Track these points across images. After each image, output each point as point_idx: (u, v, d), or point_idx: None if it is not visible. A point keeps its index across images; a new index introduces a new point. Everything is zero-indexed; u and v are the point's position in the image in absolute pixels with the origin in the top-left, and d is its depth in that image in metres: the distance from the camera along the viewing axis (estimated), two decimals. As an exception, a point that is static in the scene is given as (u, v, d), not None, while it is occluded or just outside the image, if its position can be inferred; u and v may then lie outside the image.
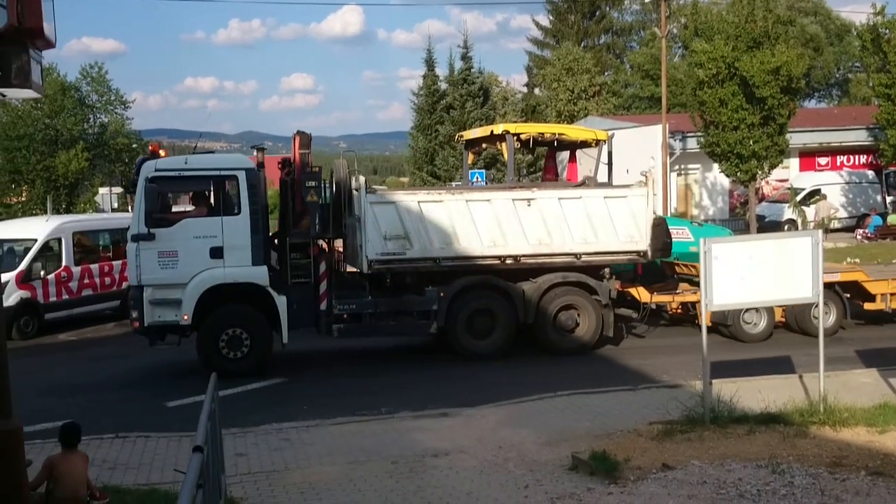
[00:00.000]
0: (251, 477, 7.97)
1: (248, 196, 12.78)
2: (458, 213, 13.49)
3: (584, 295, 13.98)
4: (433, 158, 42.24)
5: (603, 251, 13.90)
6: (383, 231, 13.23)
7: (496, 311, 13.73)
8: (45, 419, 9.52)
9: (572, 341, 13.94)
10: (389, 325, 13.71)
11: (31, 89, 6.22)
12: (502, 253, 13.62)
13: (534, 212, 13.67)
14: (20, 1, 5.88)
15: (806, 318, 14.54)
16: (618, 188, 14.49)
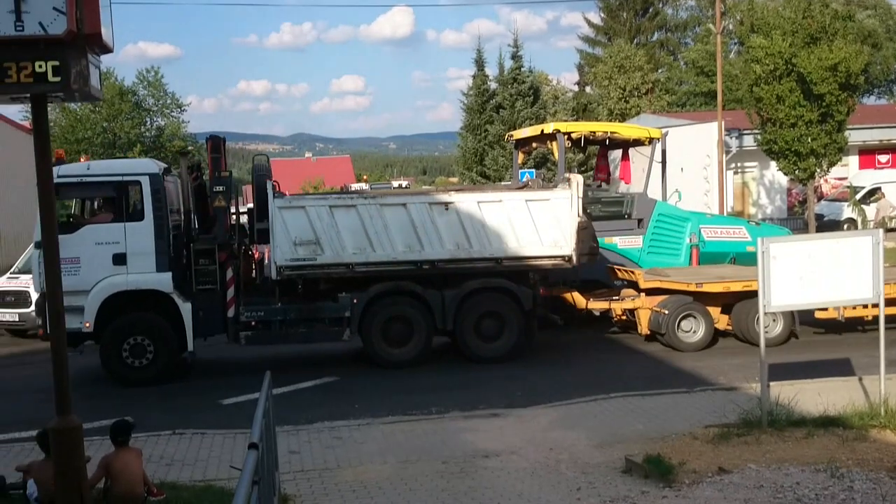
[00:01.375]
0: (304, 474, 8.04)
1: (152, 202, 12.66)
2: (372, 218, 13.17)
3: (506, 301, 13.62)
4: (483, 158, 42.21)
5: (526, 256, 13.47)
6: (293, 236, 13.01)
7: (412, 318, 13.45)
8: (102, 416, 9.72)
9: (495, 349, 13.56)
10: (300, 332, 13.37)
11: (90, 94, 6.36)
12: (418, 258, 13.25)
13: (452, 216, 13.28)
14: (79, 7, 6.01)
15: (749, 325, 13.78)
16: (541, 191, 14.06)
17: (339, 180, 66.46)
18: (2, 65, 5.99)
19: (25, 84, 6.05)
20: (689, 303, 13.94)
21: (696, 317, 13.97)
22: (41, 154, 6.67)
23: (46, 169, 6.65)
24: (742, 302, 13.88)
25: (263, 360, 13.38)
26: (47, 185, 6.62)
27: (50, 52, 6.02)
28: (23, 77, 6.03)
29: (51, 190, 6.67)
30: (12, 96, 6.37)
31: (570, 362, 13.28)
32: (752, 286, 13.40)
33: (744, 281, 13.77)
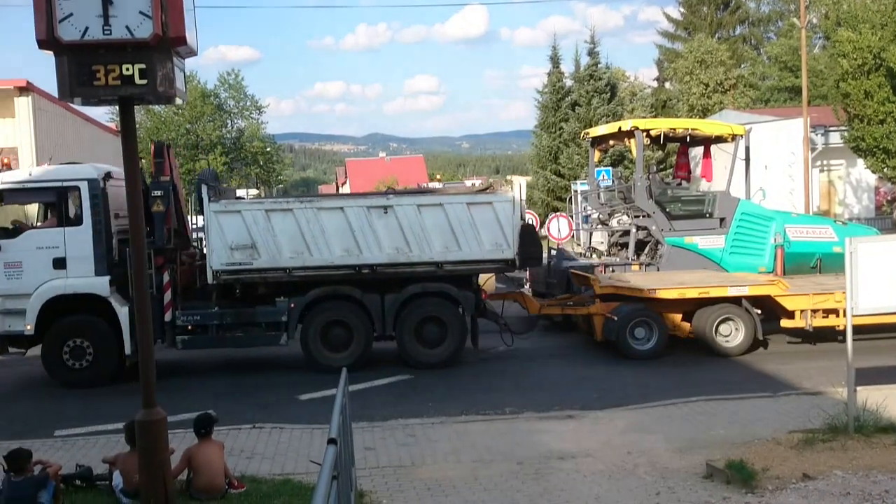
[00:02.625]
0: (379, 471, 8.10)
1: (91, 207, 12.79)
2: (308, 222, 13.08)
3: (447, 306, 13.45)
4: (557, 157, 41.88)
5: (467, 260, 13.21)
6: (229, 241, 12.99)
7: (351, 322, 13.36)
8: (186, 409, 9.98)
9: (436, 355, 13.38)
10: (237, 336, 13.33)
11: (174, 96, 6.52)
12: (357, 262, 13.14)
13: (391, 220, 13.09)
14: (164, 11, 6.16)
15: (708, 333, 13.42)
16: (482, 194, 13.79)
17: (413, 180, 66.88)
18: (90, 68, 6.18)
19: (113, 87, 6.23)
20: (641, 309, 13.45)
21: (650, 324, 13.46)
22: (128, 155, 6.87)
23: (134, 169, 6.85)
24: (702, 309, 13.46)
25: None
26: (135, 184, 6.81)
27: (137, 55, 6.18)
28: (111, 80, 6.21)
29: (139, 189, 6.86)
30: (101, 98, 6.54)
31: (649, 364, 13.02)
32: (708, 293, 13.42)
33: (700, 287, 13.48)
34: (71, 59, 6.17)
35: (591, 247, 18.40)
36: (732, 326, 13.43)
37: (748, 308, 13.42)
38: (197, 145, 58.75)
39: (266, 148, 64.99)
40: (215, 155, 56.09)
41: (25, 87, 28.71)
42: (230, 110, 62.71)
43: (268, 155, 65.25)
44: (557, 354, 14.20)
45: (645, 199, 15.87)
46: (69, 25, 6.08)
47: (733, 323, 13.42)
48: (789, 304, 13.39)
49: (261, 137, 64.25)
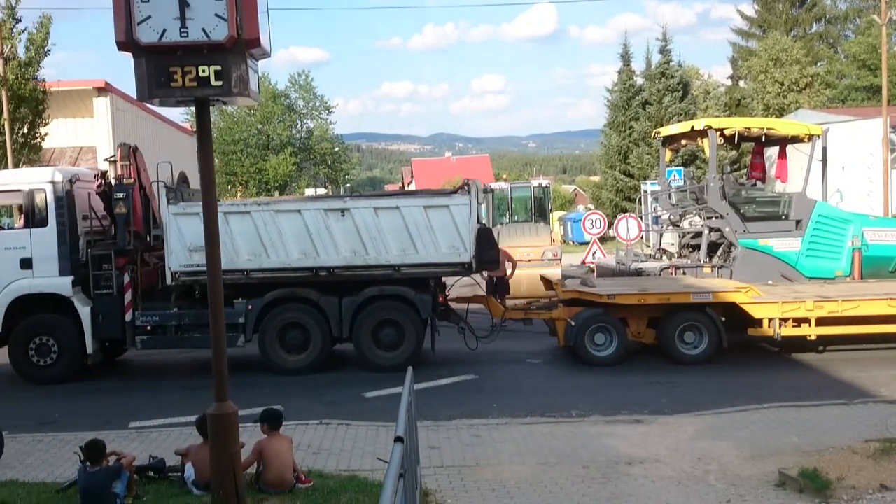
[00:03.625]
0: (444, 470, 8.11)
1: (55, 209, 13.13)
2: (266, 225, 13.12)
3: (403, 309, 13.35)
4: (627, 156, 41.36)
5: (424, 263, 13.12)
6: (188, 243, 13.04)
7: (308, 325, 13.37)
8: (256, 404, 10.16)
9: (393, 358, 13.25)
10: (194, 337, 13.34)
11: (248, 97, 6.63)
12: (314, 265, 13.15)
13: (348, 223, 13.05)
14: (239, 13, 6.27)
15: (670, 342, 13.08)
16: (439, 197, 13.55)
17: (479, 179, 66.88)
18: (168, 70, 6.33)
19: (190, 88, 6.37)
20: (600, 315, 13.21)
21: (609, 330, 13.21)
22: (204, 154, 7.03)
23: (209, 169, 7.00)
24: (667, 315, 13.15)
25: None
26: (210, 183, 6.96)
27: (212, 57, 6.30)
28: (187, 81, 6.35)
29: (213, 188, 7.01)
30: (178, 100, 6.68)
31: (721, 369, 12.73)
32: (669, 299, 13.11)
33: (660, 294, 13.18)
34: (149, 61, 6.33)
35: (662, 248, 18.10)
36: (697, 334, 13.16)
37: (712, 316, 13.08)
38: (267, 145, 59.87)
39: (334, 148, 65.88)
40: (285, 155, 57.08)
41: (104, 88, 29.71)
42: (300, 111, 63.78)
43: (336, 155, 66.14)
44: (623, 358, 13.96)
45: (718, 199, 15.53)
46: (147, 28, 6.24)
47: (697, 330, 13.14)
48: (756, 312, 13.00)
49: (329, 137, 65.15)
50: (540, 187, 25.83)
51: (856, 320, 12.85)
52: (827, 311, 12.77)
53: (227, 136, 55.99)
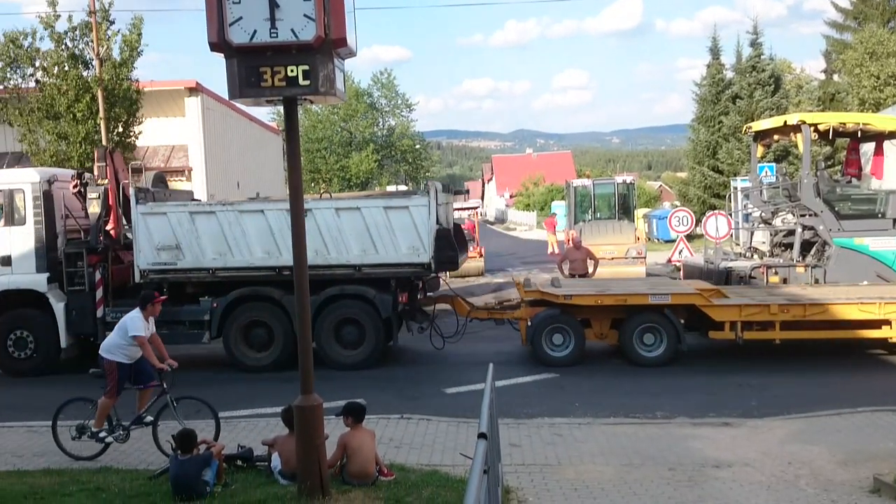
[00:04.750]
0: (525, 468, 8.07)
1: (33, 208, 13.71)
2: (230, 225, 13.47)
3: (364, 308, 13.50)
4: (716, 152, 40.35)
5: (384, 263, 13.34)
6: (155, 241, 13.52)
7: (271, 323, 13.60)
8: (339, 397, 10.32)
9: (354, 356, 13.48)
10: (162, 333, 13.25)
11: (335, 96, 6.75)
12: (277, 264, 13.42)
13: (310, 223, 12.91)
14: (327, 13, 6.38)
15: (629, 343, 12.98)
16: (398, 198, 13.86)
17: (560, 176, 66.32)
18: (258, 69, 6.50)
19: (279, 88, 6.52)
20: (556, 316, 13.20)
21: (567, 330, 13.18)
22: (292, 152, 7.18)
23: (297, 166, 7.15)
24: (629, 317, 13.08)
25: (486, 354, 13.60)
26: (297, 180, 7.12)
27: (300, 57, 6.44)
28: (276, 81, 6.50)
29: (300, 184, 7.17)
30: (267, 99, 6.84)
31: (814, 372, 12.30)
32: (626, 301, 13.09)
33: (617, 295, 13.15)
34: (240, 62, 6.50)
35: (752, 247, 17.58)
36: (656, 335, 13.04)
37: (671, 318, 12.91)
38: (350, 142, 60.79)
39: (415, 145, 66.43)
40: (367, 152, 57.84)
41: (195, 88, 30.60)
42: (382, 109, 64.51)
43: (416, 152, 66.66)
44: (709, 359, 13.66)
45: (812, 197, 14.99)
46: (239, 29, 6.41)
47: (657, 332, 13.01)
48: (716, 314, 12.87)
49: (410, 135, 65.72)
50: (624, 184, 25.32)
51: (826, 325, 12.65)
52: (792, 315, 12.58)
53: (312, 134, 57.08)
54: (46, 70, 23.61)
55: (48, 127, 23.60)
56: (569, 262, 16.95)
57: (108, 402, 8.83)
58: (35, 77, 23.83)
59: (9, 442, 9.60)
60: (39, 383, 13.39)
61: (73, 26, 23.63)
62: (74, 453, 8.80)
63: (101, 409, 8.78)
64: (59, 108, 23.41)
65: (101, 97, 23.11)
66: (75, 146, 23.54)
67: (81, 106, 23.39)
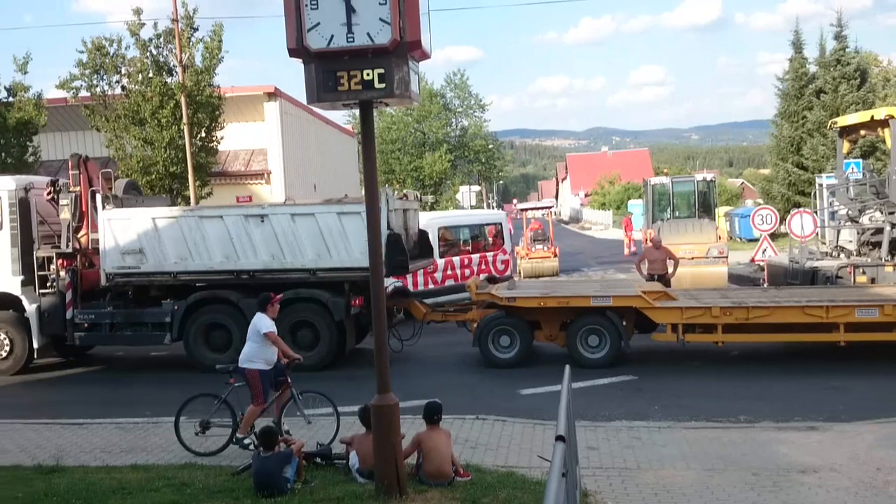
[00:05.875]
0: (603, 472, 7.97)
1: (9, 214, 14.39)
2: (191, 230, 13.91)
3: (318, 311, 13.82)
4: (800, 148, 39.13)
5: (338, 267, 13.67)
6: (120, 246, 14.05)
7: (229, 324, 13.99)
8: (413, 397, 10.39)
9: (308, 357, 13.10)
10: (126, 335, 14.33)
11: (409, 98, 6.80)
12: (235, 268, 13.86)
13: (267, 228, 13.74)
14: (402, 17, 6.43)
15: (573, 345, 13.10)
16: (351, 204, 14.09)
17: (637, 174, 65.36)
18: (335, 74, 6.59)
19: (355, 91, 6.61)
20: (501, 318, 13.46)
21: (512, 332, 13.37)
22: (368, 154, 7.26)
23: (372, 168, 7.22)
24: (575, 319, 13.18)
25: (561, 355, 13.51)
26: (373, 182, 7.19)
27: (376, 60, 6.52)
28: (353, 85, 6.59)
29: (376, 186, 7.23)
30: (343, 102, 6.92)
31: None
32: (568, 303, 13.21)
33: (559, 298, 13.27)
34: (318, 66, 6.62)
35: (839, 246, 16.98)
36: (600, 337, 13.12)
37: (613, 319, 12.98)
38: (424, 143, 61.13)
39: (488, 145, 66.36)
40: (441, 153, 58.04)
41: (273, 93, 31.29)
42: (455, 109, 64.66)
43: (490, 152, 66.59)
44: (793, 360, 13.24)
45: (900, 193, 14.41)
46: (316, 34, 6.52)
47: (600, 334, 13.11)
48: (657, 317, 12.99)
49: (483, 135, 65.68)
50: (704, 181, 24.74)
51: (771, 328, 12.57)
52: (734, 317, 12.48)
53: (386, 135, 57.64)
54: (131, 77, 24.45)
55: (134, 133, 24.45)
56: (647, 262, 16.68)
57: (255, 410, 8.91)
58: (121, 84, 24.71)
59: (98, 438, 9.99)
60: (129, 380, 13.90)
61: (158, 33, 24.41)
62: (195, 448, 8.96)
63: (249, 416, 8.84)
64: (145, 115, 24.24)
65: (184, 103, 23.81)
66: (160, 151, 24.34)
67: (165, 112, 24.16)
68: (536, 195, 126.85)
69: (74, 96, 24.85)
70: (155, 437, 9.89)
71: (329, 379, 12.47)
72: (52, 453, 9.03)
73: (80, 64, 24.25)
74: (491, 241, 22.23)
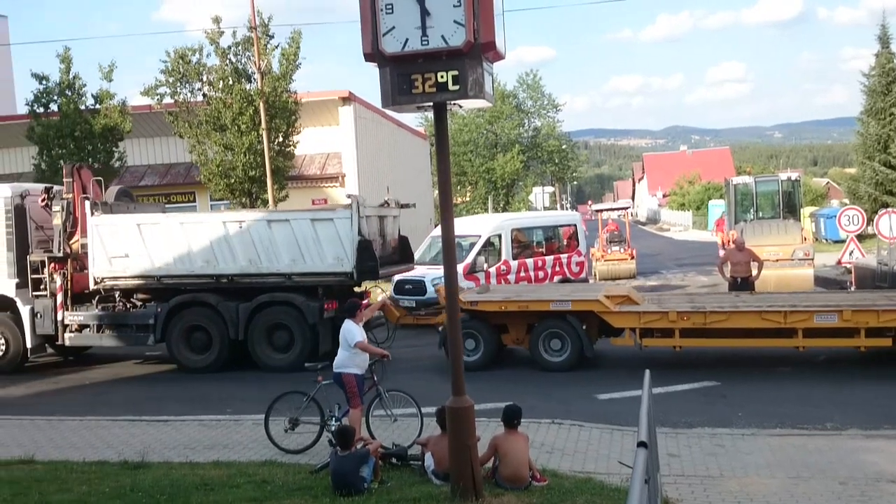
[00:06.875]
0: (685, 479, 7.78)
1: (5, 220, 15.09)
2: (174, 235, 14.53)
3: (293, 314, 14.25)
4: (887, 146, 37.62)
5: (312, 272, 14.13)
6: (107, 250, 14.69)
7: (208, 327, 14.58)
8: (488, 400, 10.35)
9: (283, 359, 14.25)
10: (112, 335, 15.00)
11: (483, 99, 6.76)
12: (215, 272, 14.44)
13: (245, 234, 14.31)
14: (477, 19, 6.40)
15: (535, 348, 13.24)
16: (325, 210, 14.66)
17: (717, 174, 63.86)
18: (410, 77, 6.60)
19: (429, 94, 6.61)
20: (465, 321, 12.87)
21: (476, 336, 13.48)
22: (441, 156, 7.25)
23: (446, 169, 7.21)
24: (538, 324, 13.28)
25: (640, 359, 13.28)
26: (447, 183, 7.18)
27: (450, 62, 6.50)
28: (427, 87, 6.59)
29: (449, 187, 7.22)
30: (418, 105, 6.93)
31: None
32: (528, 307, 13.31)
33: (519, 301, 13.33)
34: (392, 70, 6.64)
35: (929, 247, 16.25)
36: (562, 341, 13.20)
37: (573, 324, 13.00)
38: (496, 144, 60.97)
39: (561, 145, 65.75)
40: (513, 154, 57.78)
41: (348, 98, 31.68)
42: (527, 110, 64.30)
43: (563, 153, 65.99)
44: (881, 366, 12.69)
45: None
46: (392, 38, 6.55)
47: (562, 338, 13.18)
48: (615, 321, 12.95)
49: (556, 135, 65.11)
50: (788, 181, 23.94)
51: (729, 333, 12.40)
52: (692, 322, 12.40)
53: (458, 137, 57.69)
54: (213, 84, 25.11)
55: (215, 138, 25.09)
56: (730, 264, 16.26)
57: (357, 414, 8.97)
58: (203, 91, 25.40)
59: (181, 435, 10.26)
60: (208, 379, 14.24)
61: (237, 41, 25.01)
62: (283, 445, 9.13)
63: (353, 421, 8.83)
64: (225, 121, 24.85)
65: (262, 109, 24.32)
66: (239, 156, 24.90)
67: (245, 118, 24.72)
68: (612, 196, 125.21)
69: (159, 103, 25.65)
70: (236, 435, 10.11)
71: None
72: (138, 449, 9.32)
73: (166, 71, 25.01)
74: (565, 242, 22.03)
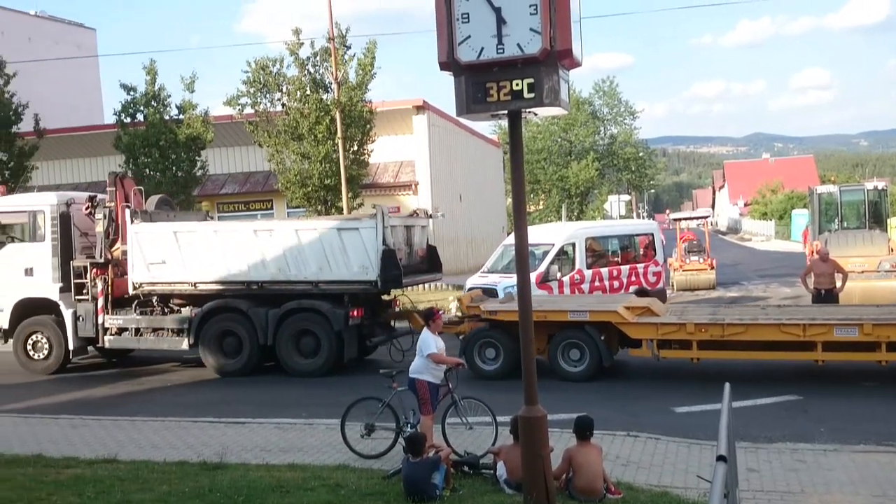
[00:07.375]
0: (764, 495, 7.55)
1: (50, 227, 15.85)
2: (209, 243, 15.08)
3: (319, 321, 14.59)
4: (981, 152, 35.94)
5: (338, 280, 14.50)
6: (146, 257, 15.27)
7: (239, 332, 15.04)
8: (560, 410, 10.24)
9: (309, 365, 14.72)
10: (149, 338, 15.61)
11: (559, 107, 6.71)
12: (247, 279, 14.96)
13: (275, 242, 14.78)
14: (553, 26, 6.36)
15: (554, 359, 13.22)
16: (351, 221, 14.99)
17: (801, 182, 62.12)
18: (485, 86, 6.60)
19: (504, 102, 6.59)
20: (484, 331, 13.77)
21: (497, 345, 13.56)
22: (516, 165, 7.24)
23: (520, 178, 7.19)
24: (557, 334, 13.28)
25: (718, 372, 12.97)
26: (521, 193, 7.15)
27: (525, 70, 6.47)
28: (502, 96, 6.58)
29: (523, 196, 7.19)
30: (492, 113, 6.92)
31: None
32: (546, 317, 13.12)
33: (537, 311, 12.13)
34: (468, 79, 6.65)
35: None
36: (580, 352, 13.20)
37: (592, 334, 13.00)
38: (570, 152, 60.53)
39: (638, 153, 64.83)
40: (587, 161, 57.27)
41: (422, 106, 31.98)
42: (603, 117, 63.65)
43: (640, 160, 65.06)
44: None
45: None
46: (467, 47, 6.57)
47: (580, 348, 13.19)
48: (632, 332, 12.98)
49: (633, 143, 64.24)
50: (875, 190, 23.08)
51: (748, 345, 12.26)
52: (710, 335, 12.29)
53: (531, 145, 57.47)
54: (291, 94, 25.67)
55: (293, 148, 25.64)
56: (814, 275, 15.75)
57: (428, 421, 8.99)
58: (281, 101, 25.99)
59: (258, 437, 10.46)
60: (285, 382, 14.51)
61: (315, 52, 25.51)
62: (360, 451, 9.21)
63: (424, 428, 8.88)
64: (303, 130, 25.37)
65: (339, 119, 24.73)
66: (315, 165, 25.39)
67: (321, 128, 25.20)
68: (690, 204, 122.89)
69: (240, 112, 26.35)
70: (311, 438, 10.26)
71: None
72: (216, 450, 9.54)
73: (248, 82, 25.68)
74: (642, 252, 21.68)
